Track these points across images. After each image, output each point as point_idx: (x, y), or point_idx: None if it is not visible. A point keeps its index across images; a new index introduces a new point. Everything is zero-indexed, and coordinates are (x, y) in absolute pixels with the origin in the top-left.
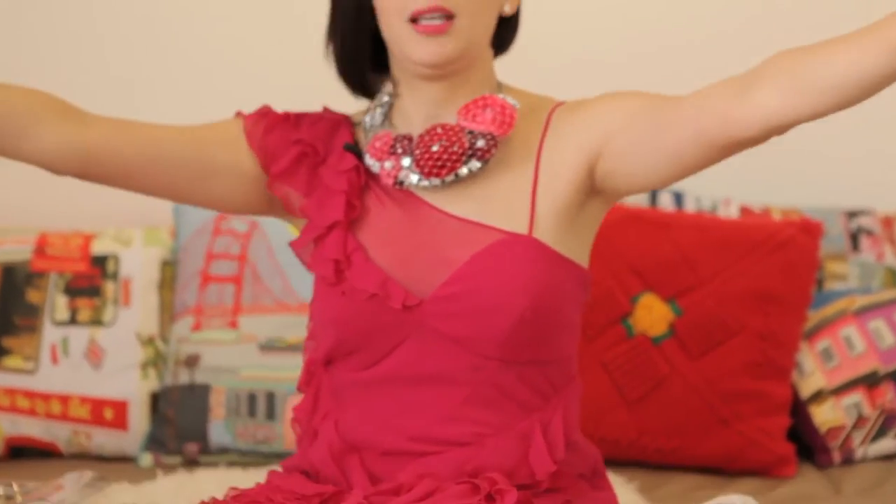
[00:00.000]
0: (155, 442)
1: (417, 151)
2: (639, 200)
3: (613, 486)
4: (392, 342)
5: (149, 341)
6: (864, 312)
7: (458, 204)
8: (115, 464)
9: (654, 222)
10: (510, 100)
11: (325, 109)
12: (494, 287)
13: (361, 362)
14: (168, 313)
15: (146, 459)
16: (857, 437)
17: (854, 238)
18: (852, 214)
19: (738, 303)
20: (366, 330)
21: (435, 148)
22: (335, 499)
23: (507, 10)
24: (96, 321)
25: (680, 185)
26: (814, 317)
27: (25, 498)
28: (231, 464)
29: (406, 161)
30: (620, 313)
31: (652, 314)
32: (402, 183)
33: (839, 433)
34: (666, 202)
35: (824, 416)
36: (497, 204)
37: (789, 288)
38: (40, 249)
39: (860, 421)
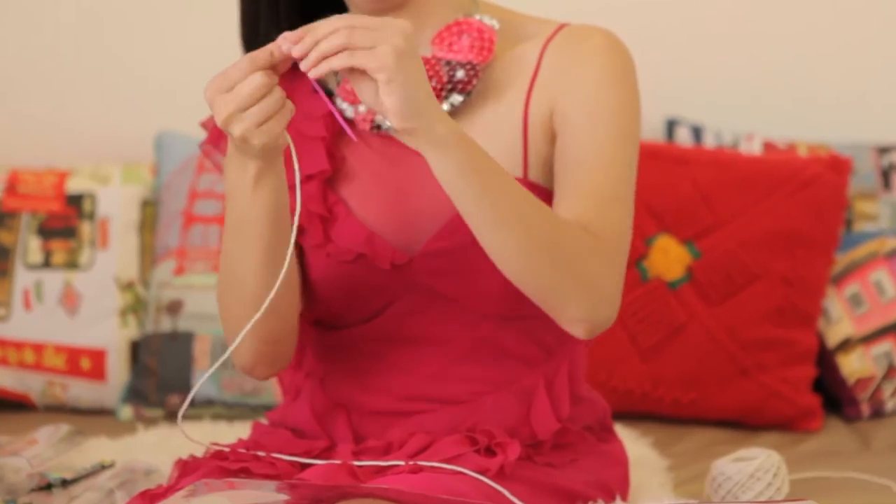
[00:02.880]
0: (135, 394)
1: None
2: (654, 135)
3: (626, 441)
4: (382, 302)
5: (128, 286)
6: (895, 255)
7: None
8: (92, 417)
9: (671, 158)
10: (487, 20)
11: None
12: None
13: (349, 321)
14: (149, 256)
15: (126, 412)
16: (888, 389)
17: (885, 175)
18: (884, 150)
19: (761, 245)
20: (353, 291)
21: None
22: (323, 456)
23: None
24: (72, 264)
25: (699, 119)
26: (842, 260)
27: None
28: (216, 417)
29: None
30: (634, 256)
31: (668, 257)
32: (379, 127)
33: (868, 384)
34: (684, 137)
35: (852, 365)
36: (487, 143)
37: (815, 229)
38: (11, 187)
39: (891, 371)
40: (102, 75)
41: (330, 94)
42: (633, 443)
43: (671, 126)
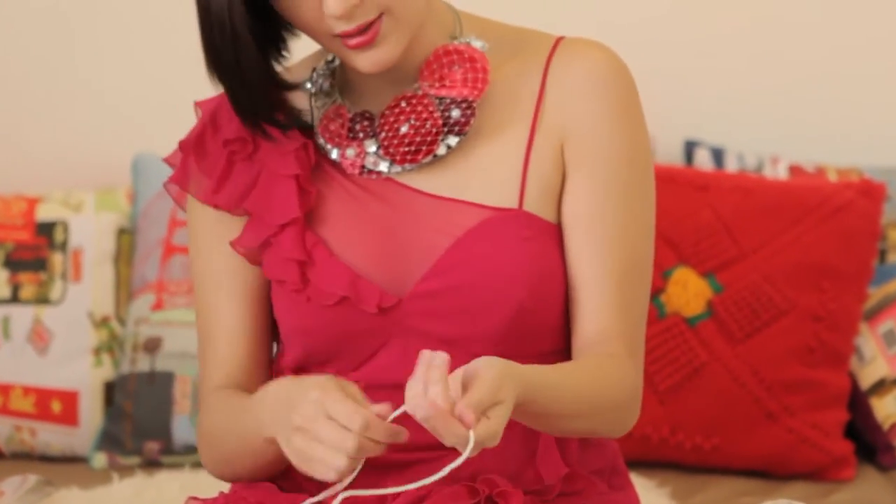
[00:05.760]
0: (109, 440)
1: (383, 134)
2: (672, 158)
3: (642, 490)
4: (370, 348)
5: (103, 322)
6: None
7: (433, 177)
8: (63, 465)
9: (690, 184)
10: (475, 42)
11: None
12: (484, 279)
13: (336, 370)
14: (125, 290)
15: (99, 460)
16: None
17: None
18: None
19: (788, 278)
20: (338, 339)
21: (404, 129)
22: None
23: None
24: (42, 299)
25: (720, 140)
26: (875, 294)
27: None
28: (197, 465)
29: (371, 146)
30: (651, 290)
31: (687, 291)
32: (370, 171)
33: None
34: (703, 160)
35: (888, 409)
36: (481, 173)
37: (847, 260)
38: None
39: None
40: (74, 94)
41: (309, 128)
42: (650, 493)
43: (690, 148)
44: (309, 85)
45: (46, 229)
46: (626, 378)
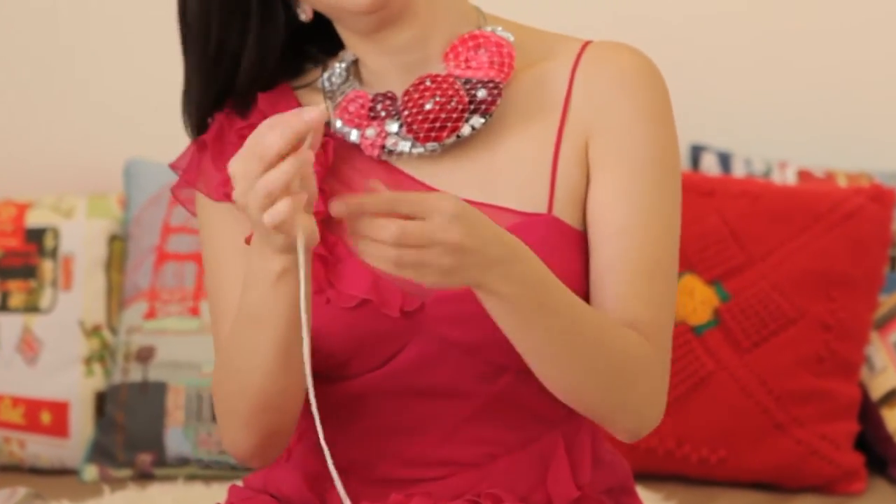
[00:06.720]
0: (101, 452)
1: (406, 112)
2: None
3: None
4: (387, 352)
5: (94, 331)
6: None
7: (456, 178)
8: (53, 477)
9: (696, 189)
10: (502, 32)
11: None
12: None
13: (349, 373)
14: (117, 298)
15: (90, 472)
16: None
17: None
18: None
19: (796, 286)
20: (356, 341)
21: (429, 106)
22: None
23: None
24: (31, 307)
25: (727, 145)
26: (886, 302)
27: None
28: (191, 477)
29: (393, 126)
30: None
31: (693, 299)
32: (390, 152)
33: None
34: (710, 165)
35: None
36: (508, 176)
37: (857, 268)
38: None
39: None
40: (66, 98)
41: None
42: None
43: (696, 153)
44: (325, 79)
45: (36, 236)
46: (648, 357)
